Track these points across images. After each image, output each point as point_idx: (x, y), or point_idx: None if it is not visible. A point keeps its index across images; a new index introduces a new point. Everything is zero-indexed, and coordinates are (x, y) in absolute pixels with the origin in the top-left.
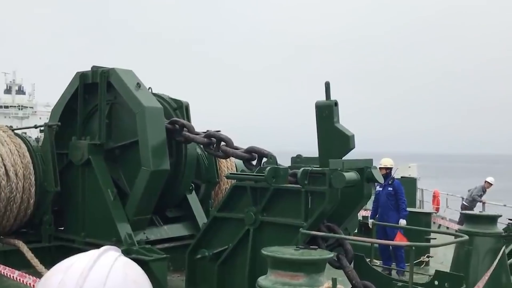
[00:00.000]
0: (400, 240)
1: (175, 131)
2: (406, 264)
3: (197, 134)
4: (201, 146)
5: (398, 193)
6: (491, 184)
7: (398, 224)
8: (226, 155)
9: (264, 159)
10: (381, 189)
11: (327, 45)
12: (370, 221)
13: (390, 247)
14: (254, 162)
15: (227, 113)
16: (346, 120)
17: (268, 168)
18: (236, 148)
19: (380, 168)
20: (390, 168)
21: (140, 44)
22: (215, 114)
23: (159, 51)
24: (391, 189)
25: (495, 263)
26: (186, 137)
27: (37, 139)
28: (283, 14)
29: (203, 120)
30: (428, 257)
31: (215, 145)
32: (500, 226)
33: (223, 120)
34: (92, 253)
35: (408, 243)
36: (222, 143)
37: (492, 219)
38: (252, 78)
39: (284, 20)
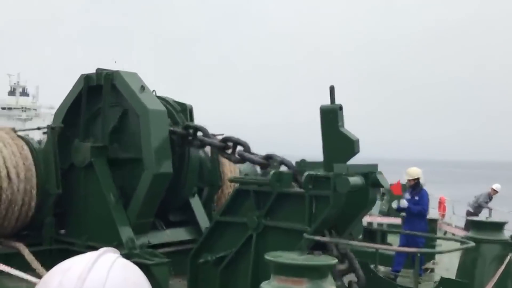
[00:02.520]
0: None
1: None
2: (423, 267)
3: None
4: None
5: (421, 198)
6: (497, 191)
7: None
8: (243, 161)
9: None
10: (409, 197)
11: (334, 47)
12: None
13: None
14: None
15: (228, 113)
16: (353, 124)
17: (272, 172)
18: (254, 154)
19: (408, 179)
20: (418, 178)
21: (145, 47)
22: (218, 115)
23: (165, 54)
24: (418, 198)
25: (500, 270)
26: (202, 141)
27: (39, 141)
28: (288, 16)
29: (207, 122)
30: (433, 263)
31: (231, 150)
32: (507, 233)
33: (226, 121)
34: (91, 255)
35: (414, 249)
36: (239, 147)
37: (498, 226)
38: (256, 79)
39: (289, 22)
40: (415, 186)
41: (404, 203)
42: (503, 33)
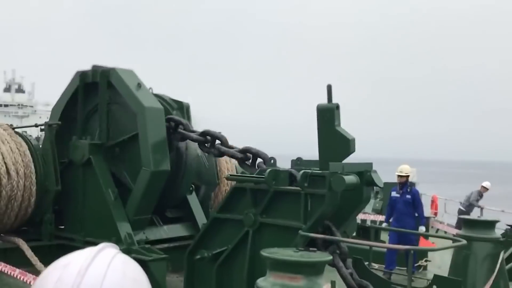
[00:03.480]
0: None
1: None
2: (416, 265)
3: (193, 132)
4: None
5: (417, 200)
6: (487, 189)
7: (417, 230)
8: (221, 154)
9: (259, 160)
10: (398, 195)
11: (335, 44)
12: (384, 224)
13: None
14: (249, 162)
15: (226, 111)
16: (346, 124)
17: (269, 170)
18: (231, 147)
19: (399, 176)
20: (408, 176)
21: (141, 42)
22: (216, 116)
23: (163, 52)
24: (409, 196)
25: (496, 271)
26: (182, 134)
27: (37, 138)
28: (286, 10)
29: (205, 121)
30: (426, 261)
31: (210, 144)
32: (498, 232)
33: (221, 119)
34: (90, 250)
35: (407, 246)
36: (217, 141)
37: (490, 224)
38: (253, 78)
39: (291, 18)
40: (404, 184)
41: (423, 229)
42: (501, 31)
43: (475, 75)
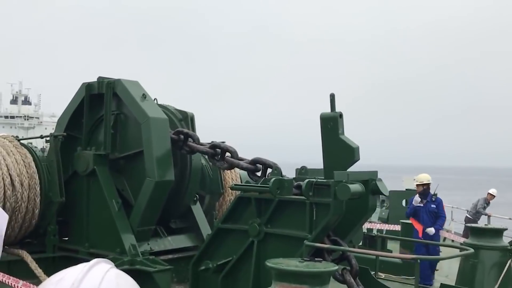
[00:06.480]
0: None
1: (179, 142)
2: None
3: (202, 144)
4: (206, 156)
5: (441, 210)
6: (494, 196)
7: (427, 232)
8: (231, 166)
9: (269, 170)
10: (421, 205)
11: (336, 48)
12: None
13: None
14: (259, 173)
15: (227, 120)
16: (350, 132)
17: (273, 179)
18: (241, 159)
19: (417, 185)
20: (428, 184)
21: (146, 51)
22: (216, 121)
23: (156, 53)
24: (434, 206)
25: (501, 277)
26: (191, 147)
27: (42, 149)
28: (289, 13)
29: (207, 129)
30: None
31: (220, 156)
32: (506, 240)
33: (223, 128)
34: (83, 266)
35: (414, 256)
36: (227, 154)
37: (497, 233)
38: (255, 84)
39: (291, 19)
40: (424, 192)
41: (432, 231)
42: (500, 33)
43: (477, 74)
